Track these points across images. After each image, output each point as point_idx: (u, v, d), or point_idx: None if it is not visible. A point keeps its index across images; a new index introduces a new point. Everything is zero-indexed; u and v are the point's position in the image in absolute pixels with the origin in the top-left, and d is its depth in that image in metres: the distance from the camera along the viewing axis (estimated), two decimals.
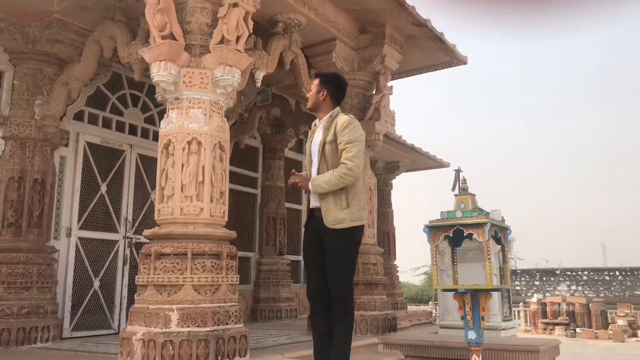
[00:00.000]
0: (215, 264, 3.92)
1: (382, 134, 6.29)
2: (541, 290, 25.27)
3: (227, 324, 3.85)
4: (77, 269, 5.86)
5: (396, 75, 7.19)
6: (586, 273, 25.16)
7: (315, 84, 3.68)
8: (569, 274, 25.45)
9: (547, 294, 23.77)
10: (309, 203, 3.62)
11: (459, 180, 4.85)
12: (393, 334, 5.87)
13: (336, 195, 3.40)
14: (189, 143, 4.04)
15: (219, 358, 3.68)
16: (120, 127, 6.46)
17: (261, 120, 8.01)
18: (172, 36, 4.07)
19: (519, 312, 19.84)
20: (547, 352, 5.05)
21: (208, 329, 3.72)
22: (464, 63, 7.03)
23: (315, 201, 3.50)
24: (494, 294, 5.30)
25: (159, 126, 4.30)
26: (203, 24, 4.28)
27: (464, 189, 4.76)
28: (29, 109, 5.31)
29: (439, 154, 11.37)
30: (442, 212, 4.58)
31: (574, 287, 24.90)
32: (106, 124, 6.32)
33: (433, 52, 6.72)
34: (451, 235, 4.50)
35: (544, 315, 19.45)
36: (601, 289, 24.41)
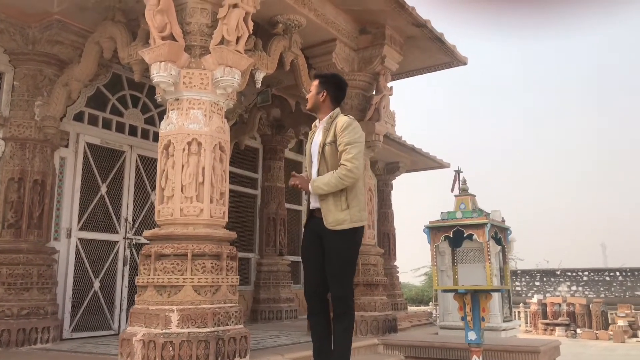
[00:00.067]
0: (215, 264, 3.92)
1: (382, 135, 6.29)
2: (541, 290, 25.27)
3: (227, 324, 3.85)
4: (77, 270, 5.86)
5: (396, 76, 7.19)
6: (586, 273, 25.16)
7: (315, 85, 3.68)
8: (569, 274, 25.46)
9: (548, 295, 23.77)
10: (309, 204, 3.62)
11: (458, 181, 4.85)
12: (393, 335, 5.87)
13: (336, 197, 3.40)
14: (189, 144, 4.04)
15: (219, 359, 3.68)
16: (120, 128, 6.46)
17: (261, 121, 8.01)
18: (172, 37, 4.08)
19: (519, 312, 19.81)
20: (547, 353, 5.05)
21: (208, 329, 3.72)
22: (464, 64, 7.03)
23: (315, 202, 3.50)
24: (494, 294, 5.30)
25: (159, 127, 4.30)
26: (203, 24, 4.28)
27: (464, 190, 4.75)
28: (29, 110, 5.31)
29: (439, 155, 11.38)
30: (442, 212, 4.58)
31: (574, 288, 24.90)
32: (106, 124, 6.33)
33: (433, 53, 6.72)
34: (451, 236, 4.49)
35: (544, 315, 19.44)
36: (601, 289, 24.41)
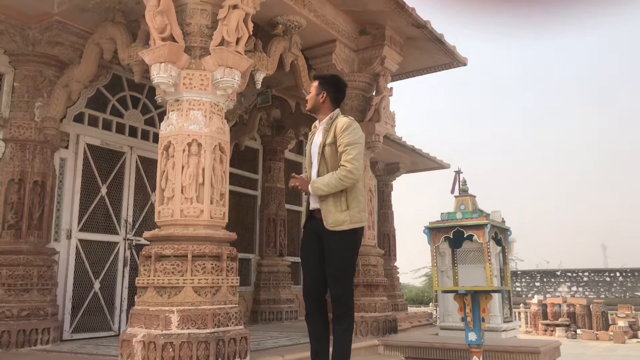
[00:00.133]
0: (215, 265, 3.92)
1: (382, 136, 6.29)
2: (542, 291, 25.27)
3: (227, 325, 3.85)
4: (77, 271, 5.85)
5: (396, 76, 7.20)
6: (587, 274, 25.16)
7: (315, 86, 3.68)
8: (570, 275, 25.46)
9: (548, 295, 23.78)
10: (308, 204, 3.62)
11: (458, 182, 4.84)
12: (393, 336, 5.87)
13: (336, 197, 3.40)
14: (189, 145, 4.04)
15: None
16: (120, 129, 6.46)
17: (261, 121, 8.01)
18: (172, 38, 4.08)
19: (519, 313, 19.80)
20: (547, 354, 5.05)
21: (208, 330, 3.72)
22: (464, 64, 7.02)
23: (315, 203, 3.50)
24: (494, 295, 5.31)
25: (159, 128, 4.30)
26: (203, 25, 4.29)
27: (464, 190, 4.75)
28: (29, 111, 5.31)
29: (439, 155, 11.38)
30: (442, 213, 4.58)
31: (574, 288, 24.90)
32: (106, 125, 6.33)
33: (433, 54, 6.72)
34: (451, 237, 4.49)
35: (545, 316, 19.43)
36: (602, 290, 24.41)
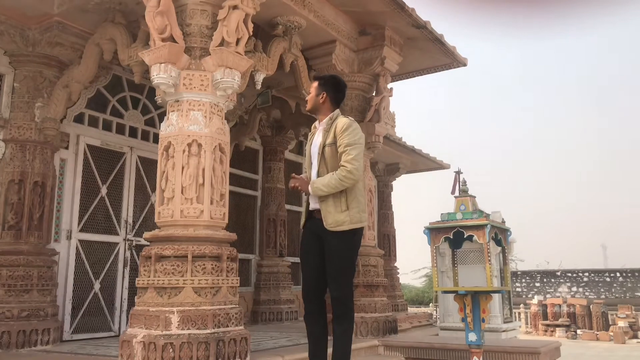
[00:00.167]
0: (215, 266, 3.92)
1: (382, 136, 6.29)
2: (542, 291, 25.27)
3: (227, 326, 3.85)
4: (78, 272, 5.85)
5: (396, 77, 7.19)
6: (587, 274, 25.17)
7: (314, 86, 3.68)
8: (570, 275, 25.46)
9: (548, 296, 23.78)
10: (307, 204, 3.62)
11: (458, 182, 4.84)
12: (394, 336, 5.86)
13: (336, 198, 3.40)
14: (189, 145, 4.04)
15: None
16: (120, 130, 6.46)
17: (261, 122, 8.01)
18: (172, 39, 4.08)
19: (519, 313, 19.80)
20: (547, 354, 5.04)
21: (208, 331, 3.72)
22: (464, 65, 7.02)
23: (315, 203, 3.50)
24: (494, 295, 5.31)
25: (159, 128, 4.30)
26: (203, 26, 4.29)
27: (464, 191, 4.76)
28: (29, 111, 5.31)
29: (439, 155, 11.41)
30: (442, 214, 4.58)
31: (574, 289, 24.90)
32: (106, 126, 6.33)
33: (433, 54, 6.72)
34: (451, 237, 4.49)
35: (545, 316, 19.42)
36: (602, 290, 24.41)
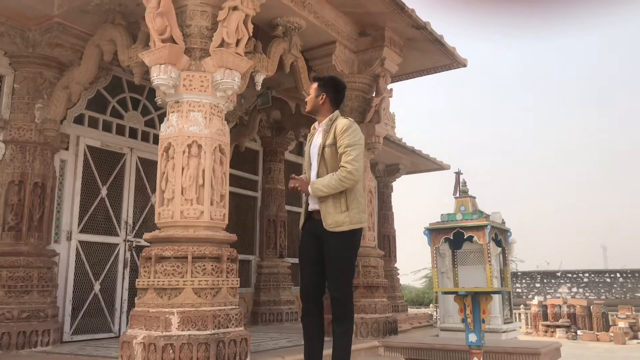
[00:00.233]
0: (215, 267, 3.92)
1: (382, 137, 6.29)
2: (542, 292, 25.25)
3: (227, 327, 3.84)
4: (78, 273, 5.85)
5: (396, 77, 7.19)
6: (587, 275, 25.15)
7: (314, 87, 3.68)
8: (570, 276, 25.44)
9: (548, 296, 23.77)
10: (307, 205, 3.62)
11: (459, 183, 4.85)
12: (394, 337, 5.86)
13: (336, 198, 3.40)
14: (189, 146, 4.04)
15: None
16: (120, 131, 6.46)
17: (261, 123, 8.02)
18: (172, 39, 4.08)
19: (519, 314, 19.78)
20: (548, 355, 5.04)
21: (208, 332, 3.72)
22: (464, 66, 7.02)
23: (315, 204, 3.50)
24: (494, 296, 5.31)
25: (159, 129, 4.31)
26: (203, 27, 4.29)
27: (464, 192, 4.76)
28: (29, 112, 5.31)
29: (439, 156, 11.42)
30: (442, 214, 4.58)
31: (574, 289, 24.89)
32: (106, 127, 6.33)
33: (433, 55, 6.73)
34: (452, 238, 4.49)
35: (545, 317, 19.41)
36: (602, 291, 24.40)
